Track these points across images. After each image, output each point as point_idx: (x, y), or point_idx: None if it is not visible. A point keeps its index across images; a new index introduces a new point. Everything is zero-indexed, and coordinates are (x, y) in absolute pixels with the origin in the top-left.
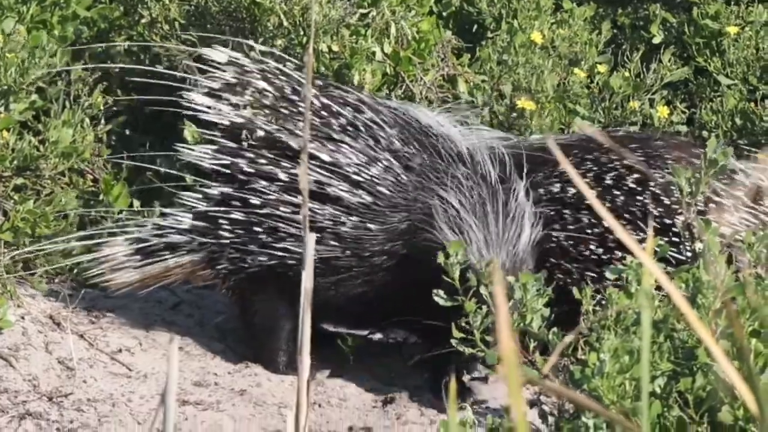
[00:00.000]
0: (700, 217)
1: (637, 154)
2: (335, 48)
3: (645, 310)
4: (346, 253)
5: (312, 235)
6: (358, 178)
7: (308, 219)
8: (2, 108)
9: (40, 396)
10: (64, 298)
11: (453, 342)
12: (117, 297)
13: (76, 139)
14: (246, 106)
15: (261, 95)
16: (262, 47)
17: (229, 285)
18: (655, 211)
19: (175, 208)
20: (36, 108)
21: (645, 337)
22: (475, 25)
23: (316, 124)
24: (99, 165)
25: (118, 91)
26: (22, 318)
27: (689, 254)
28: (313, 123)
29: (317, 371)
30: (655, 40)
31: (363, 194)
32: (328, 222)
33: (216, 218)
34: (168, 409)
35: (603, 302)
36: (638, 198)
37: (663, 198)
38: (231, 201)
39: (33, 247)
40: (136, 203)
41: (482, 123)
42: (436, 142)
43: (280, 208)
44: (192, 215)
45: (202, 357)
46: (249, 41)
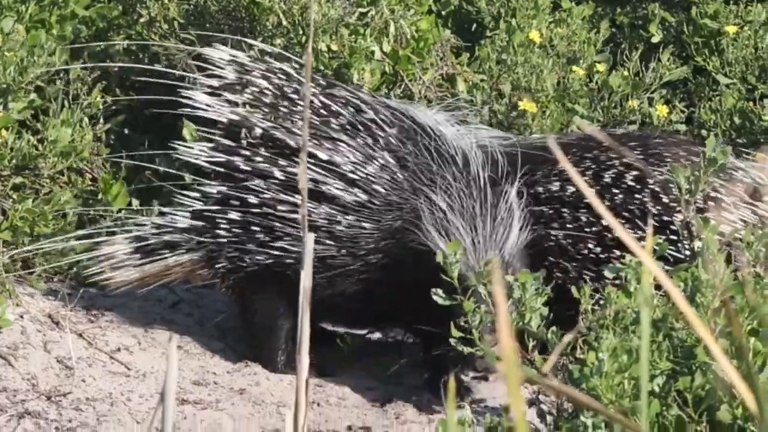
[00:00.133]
0: (698, 216)
1: (636, 152)
2: (334, 47)
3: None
4: (342, 252)
5: (311, 235)
6: (354, 177)
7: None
8: (1, 107)
9: (39, 395)
10: (63, 297)
11: (452, 341)
12: (116, 296)
13: (74, 138)
14: (245, 104)
15: (261, 94)
16: (264, 45)
17: (228, 284)
18: (653, 210)
19: (173, 207)
20: (35, 107)
21: (644, 336)
22: (474, 24)
23: (315, 123)
24: (98, 164)
25: (117, 91)
26: (21, 317)
27: (688, 253)
28: (311, 121)
29: (317, 371)
30: (654, 39)
31: (358, 192)
32: (323, 221)
33: (214, 218)
34: (167, 408)
35: (602, 301)
36: (637, 196)
37: (662, 196)
38: (228, 200)
39: (32, 246)
40: (135, 202)
41: (482, 122)
42: (431, 143)
43: (277, 207)
44: (190, 214)
45: (201, 356)
46: (249, 40)
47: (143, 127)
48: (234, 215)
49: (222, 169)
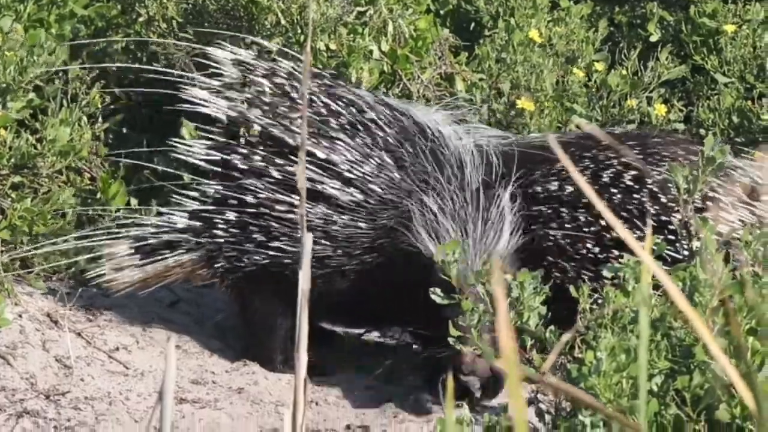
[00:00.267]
0: (697, 215)
1: (634, 151)
2: (333, 46)
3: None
4: (338, 252)
5: (309, 235)
6: (350, 176)
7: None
8: (0, 106)
9: (38, 394)
10: (62, 296)
11: (450, 340)
12: (114, 295)
13: (73, 137)
14: (245, 102)
15: (261, 93)
16: (265, 43)
17: (227, 284)
18: (652, 209)
19: (172, 207)
20: (33, 106)
21: (642, 335)
22: (473, 23)
23: (314, 122)
24: (96, 163)
25: (116, 90)
26: (20, 316)
27: (686, 252)
28: (311, 120)
29: (315, 370)
30: (653, 38)
31: (354, 192)
32: (319, 221)
33: (211, 218)
34: (165, 407)
35: (600, 301)
36: (635, 196)
37: (660, 196)
38: (226, 200)
39: (31, 246)
40: (133, 201)
41: (480, 121)
42: (428, 144)
43: (274, 207)
44: (188, 214)
45: (199, 355)
46: (252, 37)
47: (142, 127)
48: (231, 215)
49: (219, 168)
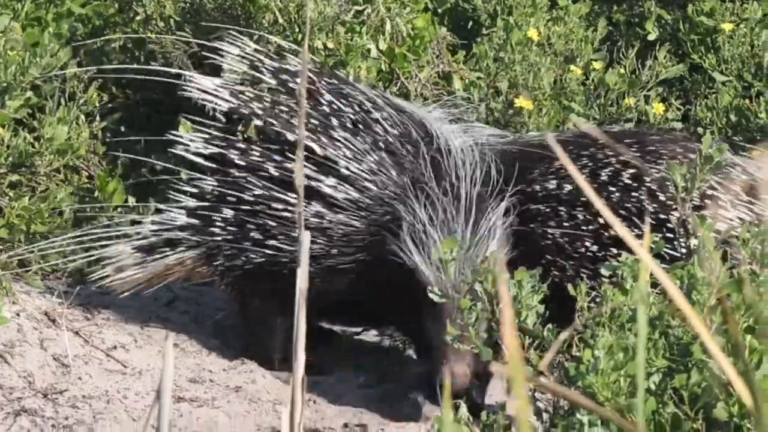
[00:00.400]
0: (695, 213)
1: (633, 149)
2: (330, 45)
3: (640, 307)
4: (332, 251)
5: (307, 233)
6: (347, 174)
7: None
8: None
9: (35, 393)
10: (60, 294)
11: (448, 338)
12: (112, 294)
13: (71, 135)
14: (247, 96)
15: (265, 88)
16: (272, 37)
17: (227, 281)
18: (650, 208)
19: (170, 204)
20: (31, 105)
21: (640, 333)
22: (471, 22)
23: (315, 121)
24: (94, 162)
25: (113, 88)
26: (18, 315)
27: (684, 251)
28: (313, 118)
29: (313, 369)
30: (651, 37)
31: (350, 190)
32: (315, 219)
33: (209, 215)
34: (163, 406)
35: (598, 299)
36: (633, 194)
37: (658, 194)
38: (222, 196)
39: (30, 246)
40: (131, 200)
41: (478, 120)
42: (429, 152)
43: (271, 205)
44: (186, 212)
45: (197, 354)
46: (260, 33)
47: (140, 125)
48: (228, 212)
49: (216, 164)
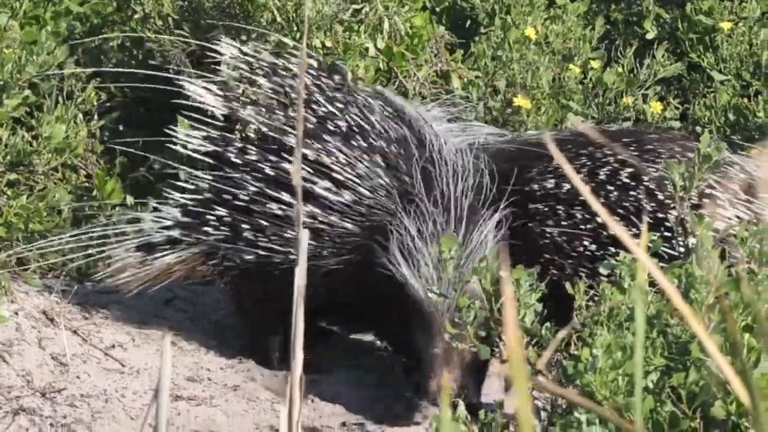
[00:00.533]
0: (693, 212)
1: (631, 148)
2: (328, 44)
3: (638, 306)
4: (323, 253)
5: (305, 232)
6: (341, 178)
7: (289, 217)
8: None
9: (34, 391)
10: (58, 293)
11: (446, 337)
12: (110, 292)
13: (69, 134)
14: (242, 99)
15: (260, 90)
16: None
17: (226, 280)
18: (648, 207)
19: (169, 202)
20: (29, 104)
21: (638, 332)
22: (469, 21)
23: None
24: (92, 160)
25: (112, 87)
26: (16, 314)
27: (682, 249)
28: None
29: (311, 367)
30: (649, 36)
31: (345, 194)
32: (309, 219)
33: (204, 213)
34: (161, 405)
35: (596, 298)
36: (632, 193)
37: (656, 193)
38: (218, 195)
39: (29, 246)
40: (129, 199)
41: (477, 119)
42: (421, 161)
43: (264, 204)
44: (183, 210)
45: (195, 352)
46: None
47: (138, 124)
48: (223, 212)
49: (213, 161)
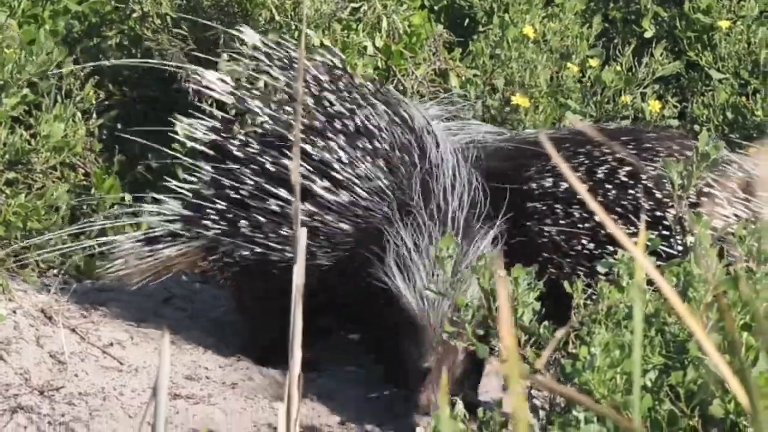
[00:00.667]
0: (691, 211)
1: (629, 147)
2: (327, 42)
3: (636, 304)
4: (318, 253)
5: (303, 230)
6: (339, 178)
7: (286, 215)
8: None
9: (32, 390)
10: (56, 291)
11: (444, 335)
12: (108, 290)
13: (67, 133)
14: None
15: (274, 84)
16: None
17: (226, 276)
18: (646, 205)
19: (169, 195)
20: (28, 102)
21: (636, 331)
22: (467, 19)
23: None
24: (90, 159)
25: (110, 86)
26: (14, 312)
27: (680, 248)
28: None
29: (310, 366)
30: (647, 34)
31: (342, 194)
32: (306, 218)
33: (204, 206)
34: (159, 403)
35: (594, 296)
36: (630, 192)
37: (655, 192)
38: (216, 190)
39: (27, 242)
40: (127, 197)
41: (475, 117)
42: (421, 172)
43: (263, 200)
44: (181, 205)
45: (193, 350)
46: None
47: (136, 122)
48: (221, 206)
49: (213, 152)
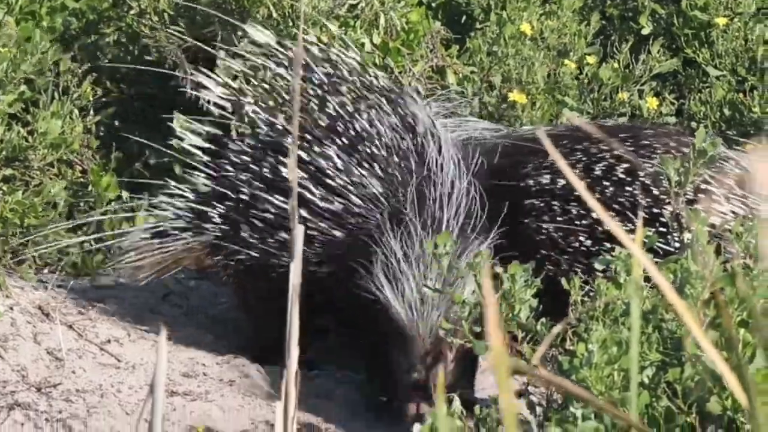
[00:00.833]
0: (688, 207)
1: (627, 143)
2: (324, 39)
3: (634, 301)
4: (313, 259)
5: (300, 228)
6: (334, 185)
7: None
8: None
9: (29, 386)
10: (53, 288)
11: (442, 332)
12: (106, 288)
13: (64, 130)
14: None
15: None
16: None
17: (229, 273)
18: (643, 202)
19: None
20: (25, 99)
21: (634, 327)
22: (464, 16)
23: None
24: (88, 156)
25: (108, 83)
26: (11, 308)
27: (677, 245)
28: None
29: (307, 364)
30: (644, 31)
31: (336, 200)
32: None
33: (204, 210)
34: (156, 400)
35: (591, 293)
36: (627, 189)
37: (652, 188)
38: (216, 193)
39: (24, 239)
40: (125, 194)
41: (472, 114)
42: (417, 180)
43: (261, 204)
44: (185, 201)
45: (191, 348)
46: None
47: (134, 119)
48: (222, 209)
49: (212, 158)
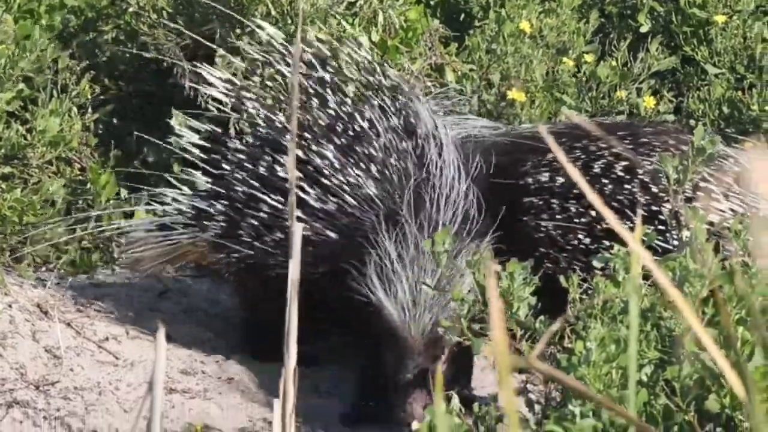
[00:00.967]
0: (687, 205)
1: (626, 141)
2: (323, 37)
3: (632, 299)
4: (309, 260)
5: (299, 225)
6: (329, 184)
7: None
8: None
9: (27, 384)
10: (52, 286)
11: (440, 330)
12: (104, 285)
13: (63, 128)
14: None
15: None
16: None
17: (230, 271)
18: (642, 200)
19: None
20: (23, 97)
21: (632, 325)
22: (463, 14)
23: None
24: (86, 154)
25: (106, 80)
26: (9, 306)
27: (676, 242)
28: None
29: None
30: (643, 29)
31: (331, 201)
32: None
33: (206, 209)
34: (155, 398)
35: (590, 291)
36: (626, 186)
37: (651, 186)
38: (214, 192)
39: (23, 236)
40: (123, 192)
41: (471, 112)
42: (414, 182)
43: (259, 204)
44: (187, 198)
45: (189, 345)
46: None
47: (132, 117)
48: (220, 208)
49: (210, 158)
